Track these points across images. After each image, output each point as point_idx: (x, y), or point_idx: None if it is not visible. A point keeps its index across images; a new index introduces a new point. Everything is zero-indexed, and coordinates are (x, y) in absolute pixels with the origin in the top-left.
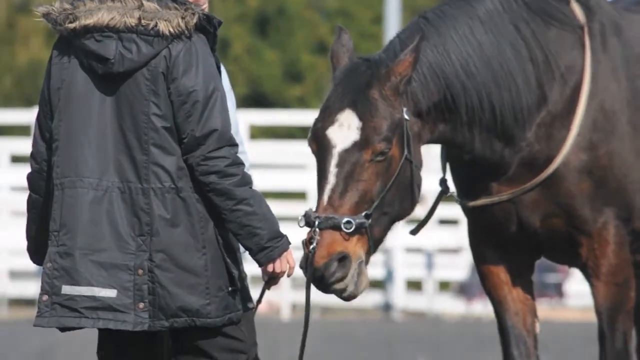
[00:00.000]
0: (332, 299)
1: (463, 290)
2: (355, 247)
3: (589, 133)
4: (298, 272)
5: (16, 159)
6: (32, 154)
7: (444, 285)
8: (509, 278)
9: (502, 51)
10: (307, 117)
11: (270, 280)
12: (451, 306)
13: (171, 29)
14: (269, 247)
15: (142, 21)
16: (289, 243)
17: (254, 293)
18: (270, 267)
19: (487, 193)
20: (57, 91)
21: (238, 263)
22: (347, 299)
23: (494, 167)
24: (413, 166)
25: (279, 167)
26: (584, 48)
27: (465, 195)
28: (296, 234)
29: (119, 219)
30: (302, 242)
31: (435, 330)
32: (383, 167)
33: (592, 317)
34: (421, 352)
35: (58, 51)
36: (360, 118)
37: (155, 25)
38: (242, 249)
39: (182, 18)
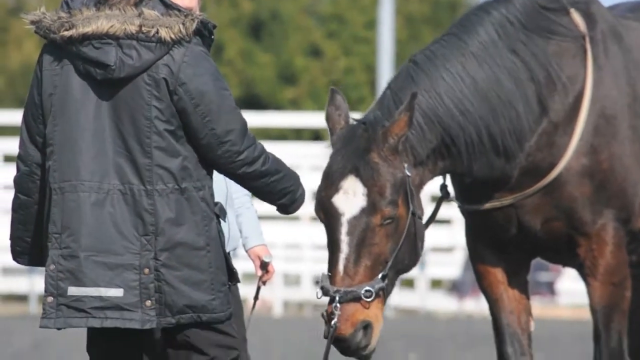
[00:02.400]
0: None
1: (455, 288)
2: (376, 312)
3: (591, 138)
4: (291, 270)
5: (9, 159)
6: (20, 156)
7: (436, 283)
8: (505, 277)
9: (499, 81)
10: (300, 119)
11: (264, 274)
12: (443, 304)
13: (172, 35)
14: (298, 198)
15: (143, 28)
16: (304, 190)
17: (248, 290)
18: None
19: (489, 198)
20: (49, 97)
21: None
22: (368, 357)
23: (495, 181)
24: (417, 219)
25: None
26: (586, 56)
27: (465, 200)
28: (286, 232)
29: (121, 220)
30: (322, 314)
31: (427, 328)
32: (392, 227)
33: (583, 315)
34: (413, 350)
35: (50, 57)
36: (364, 184)
37: (157, 32)
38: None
39: (183, 24)
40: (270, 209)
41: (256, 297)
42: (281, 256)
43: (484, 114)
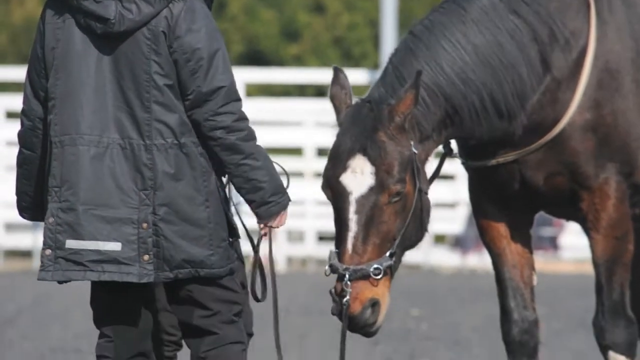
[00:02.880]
0: (327, 253)
1: (458, 243)
2: (384, 290)
3: (594, 93)
4: (293, 226)
5: (11, 115)
6: (23, 110)
7: (439, 239)
8: (508, 231)
9: (501, 46)
10: (303, 75)
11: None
12: (446, 259)
13: None
14: (272, 201)
15: None
16: (289, 200)
17: (248, 245)
18: (268, 222)
19: (492, 155)
20: (51, 50)
21: (234, 215)
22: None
23: (499, 140)
24: (423, 194)
25: (275, 125)
26: (589, 11)
27: (469, 156)
28: (290, 188)
29: (120, 175)
30: (330, 292)
31: (430, 283)
32: (400, 205)
33: (586, 269)
34: (416, 305)
35: (51, 11)
36: (372, 163)
37: None
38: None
39: None
40: (276, 167)
41: (256, 250)
42: None
43: (486, 81)
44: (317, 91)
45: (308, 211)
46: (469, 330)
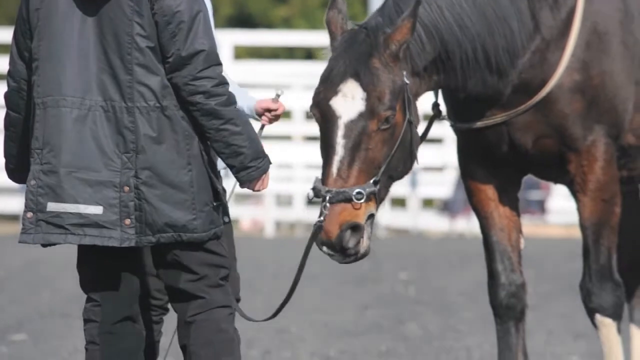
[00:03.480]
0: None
1: (446, 207)
2: (366, 215)
3: (582, 54)
4: (282, 190)
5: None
6: (9, 72)
7: (427, 203)
8: (496, 194)
9: None
10: (292, 37)
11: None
12: (435, 223)
13: None
14: (252, 166)
15: None
16: (270, 163)
17: (239, 212)
18: (249, 186)
19: (480, 116)
20: (36, 12)
21: (220, 178)
22: (362, 257)
23: (488, 98)
24: (412, 127)
25: (264, 87)
26: None
27: (458, 118)
28: (278, 152)
29: (103, 137)
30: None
31: (418, 247)
32: (388, 133)
33: (573, 233)
34: (405, 269)
35: None
36: (364, 88)
37: None
38: (220, 165)
39: None
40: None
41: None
42: (273, 177)
43: (480, 31)
44: (306, 54)
45: (297, 175)
46: (457, 294)
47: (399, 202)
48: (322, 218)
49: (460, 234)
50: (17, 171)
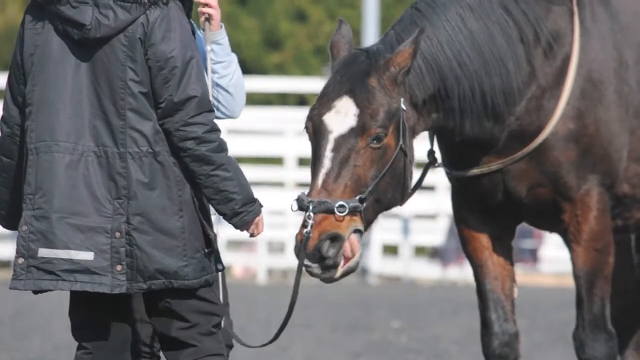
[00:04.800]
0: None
1: (439, 255)
2: (349, 229)
3: (577, 102)
4: (274, 236)
5: None
6: (2, 117)
7: (419, 250)
8: (490, 243)
9: (492, 37)
10: (285, 84)
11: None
12: (427, 271)
13: None
14: (243, 211)
15: None
16: (261, 207)
17: (232, 259)
18: (244, 230)
19: (475, 164)
20: (30, 57)
21: (212, 225)
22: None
23: (483, 143)
24: (407, 159)
25: (257, 133)
26: (573, 19)
27: (453, 166)
28: (270, 198)
29: (95, 183)
30: (295, 236)
31: (410, 295)
32: (378, 154)
33: (566, 282)
34: (397, 317)
35: (31, 17)
36: (358, 105)
37: None
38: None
39: None
40: (257, 175)
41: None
42: (265, 223)
43: (477, 69)
44: (299, 100)
45: (289, 222)
46: (450, 342)
47: (391, 250)
48: (309, 229)
49: (453, 282)
50: (9, 217)
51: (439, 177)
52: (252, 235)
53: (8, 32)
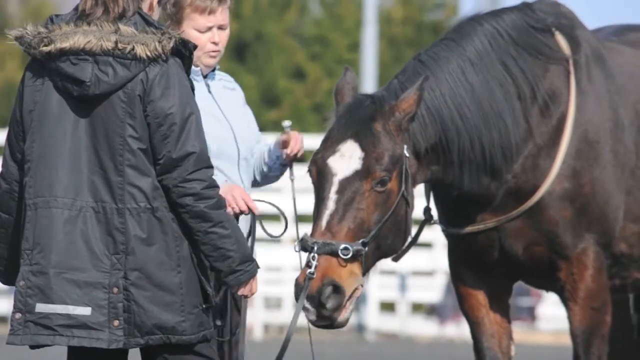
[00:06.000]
0: (305, 320)
1: (436, 312)
2: (351, 278)
3: (573, 162)
4: (271, 292)
5: None
6: (1, 174)
7: (417, 307)
8: (487, 300)
9: (491, 91)
10: None
11: (289, 142)
12: (424, 328)
13: (148, 53)
14: (239, 270)
15: (119, 45)
16: (258, 268)
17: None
18: (238, 290)
19: (472, 221)
20: (29, 113)
21: (210, 280)
22: (338, 325)
23: (480, 199)
24: (408, 207)
25: (255, 190)
26: (569, 79)
27: (449, 223)
28: (267, 254)
29: (93, 238)
30: (296, 279)
31: (408, 352)
32: (382, 198)
33: (563, 340)
34: None
35: (31, 73)
36: (363, 148)
37: (133, 49)
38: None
39: (159, 42)
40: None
41: (290, 174)
42: (262, 279)
43: (478, 122)
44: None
45: (286, 277)
46: None
47: (388, 307)
48: (312, 270)
49: (450, 339)
50: (7, 272)
51: (436, 234)
52: (245, 296)
53: (7, 89)
